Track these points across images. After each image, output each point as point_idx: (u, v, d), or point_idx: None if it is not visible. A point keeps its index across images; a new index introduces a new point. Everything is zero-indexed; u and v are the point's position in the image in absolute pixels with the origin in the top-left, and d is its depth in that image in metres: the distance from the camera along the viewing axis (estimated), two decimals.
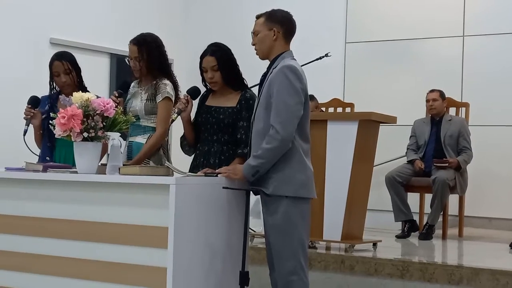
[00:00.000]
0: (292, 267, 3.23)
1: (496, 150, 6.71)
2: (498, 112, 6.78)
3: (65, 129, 3.19)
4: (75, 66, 4.16)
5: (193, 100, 3.70)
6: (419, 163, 6.00)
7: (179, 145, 3.81)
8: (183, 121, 3.70)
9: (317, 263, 4.61)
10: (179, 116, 3.65)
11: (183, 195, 2.96)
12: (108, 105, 3.27)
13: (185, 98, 3.68)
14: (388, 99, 7.06)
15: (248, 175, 3.22)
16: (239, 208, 3.28)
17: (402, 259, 4.58)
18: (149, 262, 2.99)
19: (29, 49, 6.81)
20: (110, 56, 7.66)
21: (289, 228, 3.23)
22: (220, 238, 3.20)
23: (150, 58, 3.90)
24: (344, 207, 4.72)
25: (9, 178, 3.42)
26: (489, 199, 6.70)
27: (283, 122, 3.16)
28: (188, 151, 3.79)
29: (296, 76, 3.23)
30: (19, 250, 3.36)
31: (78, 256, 3.18)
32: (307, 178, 3.27)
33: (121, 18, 7.65)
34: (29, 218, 3.33)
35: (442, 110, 6.18)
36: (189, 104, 3.67)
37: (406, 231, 5.91)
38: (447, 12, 7.11)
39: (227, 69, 3.64)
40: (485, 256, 5.07)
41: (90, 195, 3.17)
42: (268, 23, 3.33)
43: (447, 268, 4.31)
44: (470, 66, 6.99)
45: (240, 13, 7.92)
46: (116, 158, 3.28)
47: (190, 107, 3.68)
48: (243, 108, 3.61)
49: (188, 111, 3.67)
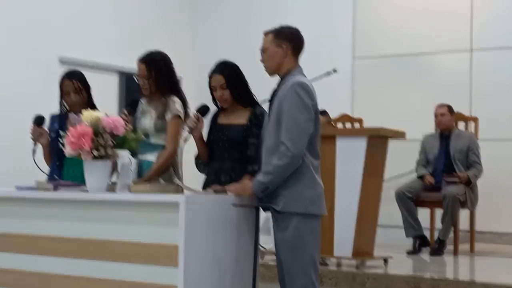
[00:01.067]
0: (304, 284, 3.21)
1: (506, 165, 6.68)
2: (508, 126, 6.76)
3: (75, 147, 3.20)
4: (85, 85, 4.16)
5: (203, 118, 3.70)
6: (429, 178, 5.98)
7: (194, 164, 3.80)
8: (195, 140, 3.70)
9: (328, 280, 4.58)
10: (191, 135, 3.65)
11: (193, 212, 2.95)
12: (117, 123, 3.27)
13: (195, 116, 3.67)
14: (396, 114, 7.05)
15: (258, 191, 3.21)
16: (249, 225, 3.27)
17: (413, 275, 4.55)
18: (160, 280, 2.98)
19: (38, 67, 6.85)
20: (119, 74, 7.71)
21: (300, 245, 3.22)
22: (230, 255, 3.18)
23: (159, 76, 3.90)
24: (355, 223, 4.70)
25: (20, 197, 3.42)
26: (500, 213, 6.66)
27: (294, 139, 3.16)
28: (203, 170, 3.79)
29: (307, 93, 3.23)
30: (31, 269, 3.35)
31: (88, 275, 3.17)
32: (318, 195, 3.26)
33: (130, 36, 7.70)
34: (40, 237, 3.33)
35: (451, 125, 6.16)
36: (199, 122, 3.67)
37: (417, 247, 5.87)
38: (455, 27, 7.12)
39: (236, 86, 3.64)
40: (498, 271, 5.03)
41: (100, 213, 3.17)
42: (276, 40, 3.33)
43: (459, 284, 4.28)
44: (478, 80, 6.98)
45: (248, 29, 7.96)
46: (126, 176, 3.29)
47: (201, 125, 3.67)
48: (253, 125, 3.61)
49: (199, 130, 3.66)
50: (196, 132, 3.66)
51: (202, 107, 3.71)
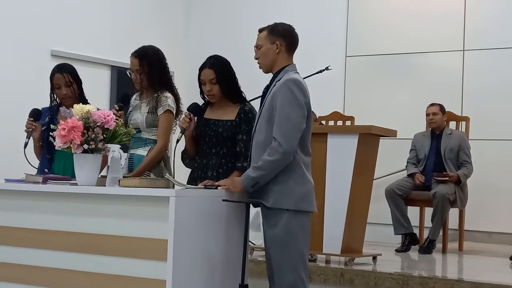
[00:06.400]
0: (293, 280, 3.22)
1: (496, 164, 6.70)
2: (498, 126, 6.78)
3: (65, 141, 3.19)
4: (76, 79, 4.15)
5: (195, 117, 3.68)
6: (419, 176, 6.00)
7: (180, 159, 3.79)
8: (185, 138, 3.69)
9: (317, 277, 4.59)
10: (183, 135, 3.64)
11: (182, 207, 2.95)
12: (108, 117, 3.27)
13: (188, 116, 3.67)
14: (388, 113, 7.07)
15: (248, 186, 3.21)
16: (239, 220, 3.28)
17: (402, 273, 4.57)
18: (148, 275, 2.98)
19: (29, 61, 6.82)
20: (111, 68, 7.68)
21: (290, 241, 3.23)
22: (219, 250, 3.19)
23: (151, 71, 3.90)
24: (344, 220, 4.71)
25: (9, 190, 3.41)
26: (490, 213, 6.68)
27: (286, 136, 3.16)
28: (189, 164, 3.78)
29: (300, 90, 3.23)
30: (17, 262, 3.34)
31: (76, 268, 3.17)
32: (308, 192, 3.27)
33: (122, 31, 7.68)
34: (28, 230, 3.32)
35: (442, 124, 6.18)
36: (192, 122, 3.66)
37: (406, 244, 5.89)
38: (448, 26, 7.14)
39: (226, 82, 3.63)
40: (485, 270, 5.06)
41: (89, 207, 3.17)
42: (270, 37, 3.34)
43: (447, 282, 4.29)
44: (470, 80, 7.00)
45: (241, 26, 7.96)
46: (116, 170, 3.28)
47: (193, 125, 3.67)
48: (242, 122, 3.60)
49: (191, 129, 3.65)
50: (188, 132, 3.65)
51: (194, 106, 3.70)
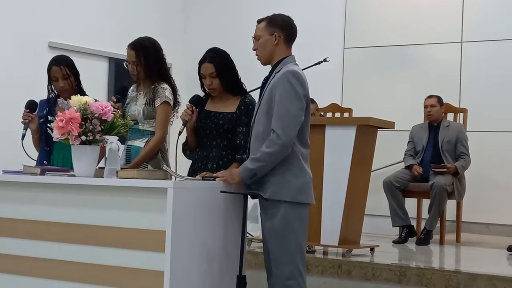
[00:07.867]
0: (290, 272, 3.23)
1: (494, 156, 6.72)
2: (496, 118, 6.79)
3: (63, 132, 3.19)
4: (73, 71, 4.15)
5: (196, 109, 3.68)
6: (417, 168, 6.01)
7: (181, 150, 3.80)
8: (187, 130, 3.69)
9: (314, 268, 4.61)
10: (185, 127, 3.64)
11: (180, 199, 2.96)
12: (106, 108, 3.26)
13: (190, 108, 3.66)
14: (386, 105, 7.07)
15: (245, 177, 3.22)
16: (237, 212, 3.28)
17: (399, 264, 4.58)
18: (146, 266, 2.99)
19: (27, 52, 6.81)
20: (108, 60, 7.67)
21: (287, 233, 3.23)
22: (217, 242, 3.19)
23: (148, 62, 3.90)
24: (342, 212, 4.72)
25: (6, 181, 3.41)
26: (487, 205, 6.70)
27: (285, 128, 3.16)
28: (190, 155, 3.78)
29: (299, 82, 3.23)
30: (15, 253, 3.35)
31: (74, 260, 3.17)
32: (306, 184, 3.27)
33: (120, 22, 7.66)
34: (26, 221, 3.32)
35: (440, 116, 6.18)
36: (194, 114, 3.66)
37: (403, 236, 5.91)
38: (446, 18, 7.14)
39: (226, 75, 3.62)
40: (483, 261, 5.08)
41: (87, 198, 3.17)
42: (269, 28, 3.32)
43: (444, 273, 4.31)
44: (468, 72, 7.01)
45: (239, 18, 7.94)
46: (114, 161, 3.28)
47: (195, 117, 3.66)
48: (243, 114, 3.60)
49: (192, 121, 3.65)
50: (190, 124, 3.65)
51: (196, 98, 3.69)
